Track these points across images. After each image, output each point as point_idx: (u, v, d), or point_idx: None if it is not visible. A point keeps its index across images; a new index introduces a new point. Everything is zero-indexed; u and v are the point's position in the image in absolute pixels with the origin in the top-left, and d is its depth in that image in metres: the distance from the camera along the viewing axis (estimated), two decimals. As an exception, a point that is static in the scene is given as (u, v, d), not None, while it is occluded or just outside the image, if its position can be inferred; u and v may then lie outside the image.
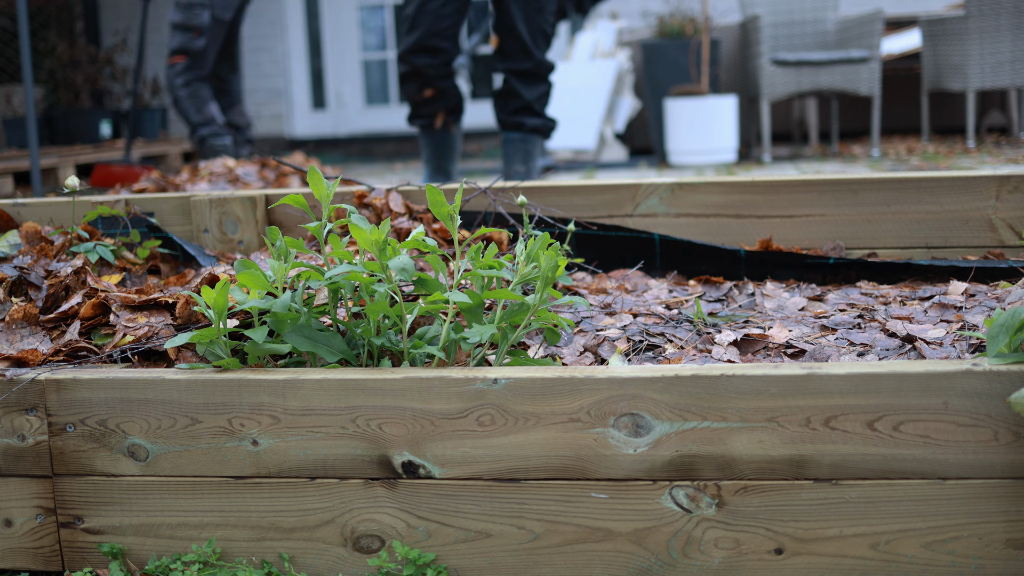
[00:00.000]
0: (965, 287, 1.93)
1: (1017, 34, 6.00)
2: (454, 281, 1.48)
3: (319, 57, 9.21)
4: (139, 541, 1.43)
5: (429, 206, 1.47)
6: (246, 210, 2.31)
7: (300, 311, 1.47)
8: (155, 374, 1.40)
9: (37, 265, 1.89)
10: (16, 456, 1.44)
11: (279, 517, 1.39)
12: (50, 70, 7.93)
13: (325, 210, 1.53)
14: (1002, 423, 1.23)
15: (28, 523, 1.46)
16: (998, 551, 1.25)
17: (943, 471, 1.25)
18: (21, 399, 1.42)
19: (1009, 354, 1.25)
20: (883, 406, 1.24)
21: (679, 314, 1.91)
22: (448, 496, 1.34)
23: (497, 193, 2.31)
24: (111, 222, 2.29)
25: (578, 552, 1.33)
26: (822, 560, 1.28)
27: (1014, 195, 2.13)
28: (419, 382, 1.33)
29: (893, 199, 2.17)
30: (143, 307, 1.69)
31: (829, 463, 1.26)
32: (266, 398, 1.36)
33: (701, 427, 1.27)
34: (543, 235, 1.49)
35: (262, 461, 1.38)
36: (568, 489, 1.32)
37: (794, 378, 1.25)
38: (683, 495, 1.29)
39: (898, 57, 7.03)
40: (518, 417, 1.31)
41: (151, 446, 1.40)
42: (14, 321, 1.65)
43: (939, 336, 1.67)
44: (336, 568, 1.39)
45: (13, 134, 6.97)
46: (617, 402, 1.28)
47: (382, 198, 2.27)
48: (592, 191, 2.31)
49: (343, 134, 9.14)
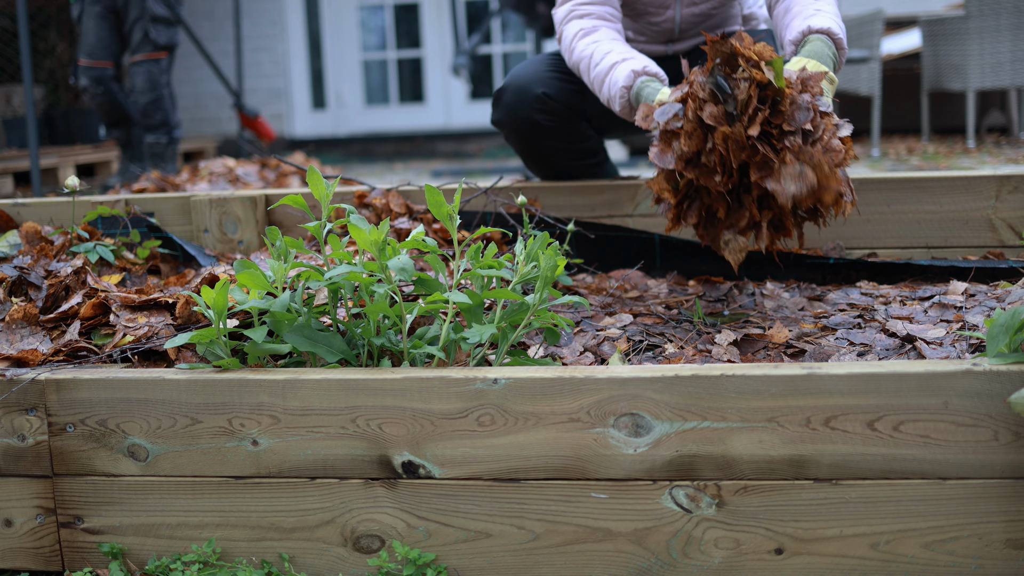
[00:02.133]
0: (965, 287, 1.93)
1: (1017, 34, 5.99)
2: (454, 281, 1.48)
3: (319, 57, 9.21)
4: (139, 541, 1.43)
5: (429, 206, 1.47)
6: (246, 210, 2.31)
7: (300, 311, 1.47)
8: (155, 374, 1.40)
9: (37, 265, 1.89)
10: (16, 456, 1.44)
11: (279, 517, 1.39)
12: (50, 70, 7.93)
13: (325, 210, 1.53)
14: (1002, 423, 1.23)
15: (28, 523, 1.46)
16: (998, 551, 1.25)
17: (943, 471, 1.25)
18: (21, 399, 1.42)
19: (1009, 354, 1.25)
20: (883, 406, 1.24)
21: (679, 314, 1.91)
22: (448, 496, 1.34)
23: (497, 193, 2.31)
24: (111, 222, 2.29)
25: (578, 552, 1.33)
26: (822, 560, 1.28)
27: (1014, 195, 2.13)
28: (419, 382, 1.32)
29: (893, 199, 2.17)
30: (143, 307, 1.69)
31: (829, 463, 1.26)
32: (266, 398, 1.36)
33: (701, 427, 1.27)
34: (543, 235, 1.49)
35: (262, 461, 1.38)
36: (568, 489, 1.32)
37: (794, 378, 1.25)
38: (683, 495, 1.29)
39: (898, 57, 7.02)
40: (518, 417, 1.31)
41: (151, 446, 1.40)
42: (14, 321, 1.65)
43: (939, 336, 1.67)
44: (336, 568, 1.39)
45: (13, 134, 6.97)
46: (617, 402, 1.28)
47: (382, 198, 2.27)
48: (592, 191, 2.31)
49: (343, 134, 9.14)
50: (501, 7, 7.59)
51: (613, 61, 2.06)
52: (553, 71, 2.30)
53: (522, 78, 2.29)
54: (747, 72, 1.66)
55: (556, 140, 2.29)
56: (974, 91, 6.22)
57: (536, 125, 2.27)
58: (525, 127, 2.29)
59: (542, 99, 2.25)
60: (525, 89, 2.27)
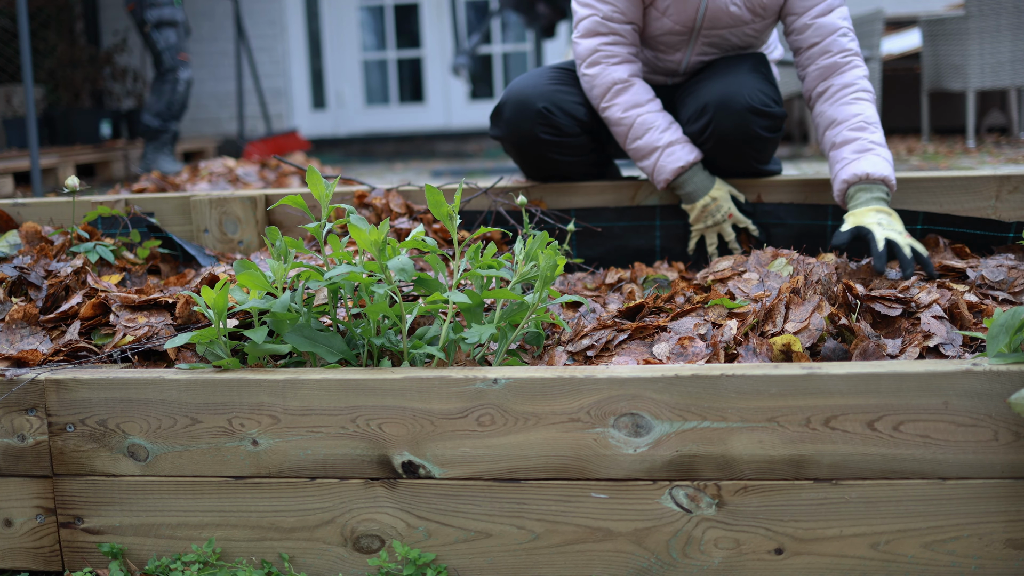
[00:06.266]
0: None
1: (1017, 34, 5.99)
2: (454, 281, 1.48)
3: (319, 57, 9.21)
4: (139, 541, 1.43)
5: (429, 206, 1.47)
6: (246, 210, 2.31)
7: (300, 311, 1.47)
8: (155, 374, 1.40)
9: (37, 265, 1.89)
10: (16, 456, 1.44)
11: (279, 517, 1.39)
12: (50, 70, 7.92)
13: (324, 210, 1.53)
14: (1002, 423, 1.23)
15: (28, 523, 1.46)
16: (998, 551, 1.25)
17: (943, 471, 1.25)
18: (21, 399, 1.42)
19: (1009, 354, 1.25)
20: (883, 406, 1.24)
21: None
22: (448, 496, 1.34)
23: (497, 193, 2.31)
24: (111, 222, 2.29)
25: (578, 552, 1.33)
26: (822, 560, 1.28)
27: (1014, 195, 2.13)
28: (419, 382, 1.32)
29: (893, 199, 2.17)
30: (143, 307, 1.69)
31: (829, 463, 1.26)
32: (266, 398, 1.36)
33: (701, 427, 1.27)
34: (542, 234, 1.49)
35: (262, 461, 1.38)
36: (568, 489, 1.32)
37: (794, 378, 1.25)
38: (683, 495, 1.29)
39: (898, 57, 7.02)
40: (518, 417, 1.31)
41: (151, 446, 1.40)
42: (14, 321, 1.65)
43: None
44: (336, 568, 1.39)
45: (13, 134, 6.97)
46: (617, 402, 1.28)
47: (382, 198, 2.27)
48: (592, 190, 2.31)
49: (343, 134, 9.15)
50: (501, 7, 7.59)
51: (656, 145, 2.16)
52: (554, 84, 2.27)
53: (522, 92, 2.26)
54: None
55: (559, 154, 2.27)
56: (974, 91, 6.22)
57: (538, 140, 2.25)
58: (527, 142, 2.26)
59: (543, 114, 2.23)
60: (526, 104, 2.24)
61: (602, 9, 2.17)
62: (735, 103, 2.11)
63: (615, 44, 2.18)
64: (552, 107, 2.23)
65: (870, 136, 2.04)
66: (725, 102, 2.12)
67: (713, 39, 2.22)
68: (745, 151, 2.16)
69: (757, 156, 2.19)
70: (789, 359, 1.51)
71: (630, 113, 2.17)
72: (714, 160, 2.21)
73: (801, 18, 2.16)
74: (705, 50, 2.25)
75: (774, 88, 2.20)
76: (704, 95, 2.16)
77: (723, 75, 2.17)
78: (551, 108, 2.23)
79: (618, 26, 2.18)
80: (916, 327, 1.58)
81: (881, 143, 2.04)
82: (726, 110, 2.11)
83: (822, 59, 2.14)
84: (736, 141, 2.14)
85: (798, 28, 2.17)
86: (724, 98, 2.12)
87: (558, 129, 2.24)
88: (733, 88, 2.12)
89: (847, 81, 2.11)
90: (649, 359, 1.57)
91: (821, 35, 2.14)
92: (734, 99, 2.11)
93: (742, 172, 2.23)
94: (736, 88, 2.12)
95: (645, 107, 2.17)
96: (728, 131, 2.13)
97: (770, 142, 2.17)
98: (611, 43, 2.18)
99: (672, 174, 2.15)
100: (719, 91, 2.13)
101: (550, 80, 2.28)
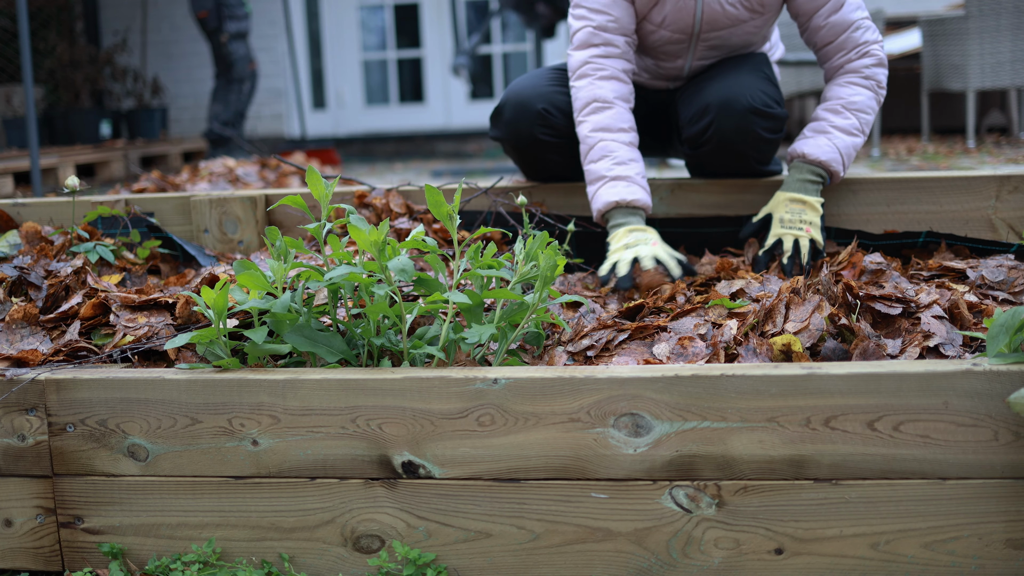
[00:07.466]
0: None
1: (1017, 34, 5.99)
2: (454, 281, 1.48)
3: (319, 57, 9.21)
4: (139, 541, 1.43)
5: (429, 206, 1.47)
6: (246, 210, 2.31)
7: (300, 311, 1.47)
8: (155, 374, 1.40)
9: (37, 265, 1.89)
10: (16, 456, 1.44)
11: (279, 517, 1.39)
12: (50, 70, 7.92)
13: (324, 210, 1.53)
14: (1002, 423, 1.23)
15: (28, 523, 1.46)
16: (998, 551, 1.25)
17: (943, 471, 1.25)
18: (21, 399, 1.42)
19: (1009, 354, 1.25)
20: (883, 406, 1.24)
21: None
22: (448, 496, 1.34)
23: (497, 193, 2.31)
24: (111, 222, 2.29)
25: (578, 552, 1.33)
26: (822, 560, 1.28)
27: (1014, 195, 2.13)
28: (419, 382, 1.32)
29: (893, 199, 2.17)
30: (143, 307, 1.69)
31: (829, 463, 1.26)
32: (266, 398, 1.36)
33: (701, 427, 1.27)
34: (542, 234, 1.49)
35: (262, 461, 1.38)
36: (568, 489, 1.32)
37: (794, 378, 1.25)
38: (683, 495, 1.29)
39: (898, 57, 7.02)
40: (518, 417, 1.31)
41: (151, 446, 1.40)
42: (14, 321, 1.65)
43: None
44: (336, 568, 1.39)
45: (13, 134, 6.98)
46: (617, 402, 1.28)
47: (382, 198, 2.27)
48: (592, 191, 2.31)
49: (343, 134, 9.15)
50: (501, 7, 7.59)
51: (604, 175, 2.09)
52: (554, 85, 2.26)
53: (521, 94, 2.25)
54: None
55: (559, 155, 2.27)
56: (974, 91, 6.22)
57: (538, 142, 2.25)
58: (526, 144, 2.26)
59: (543, 115, 2.22)
60: (525, 105, 2.24)
61: (596, 19, 2.17)
62: (737, 104, 2.11)
63: (606, 57, 2.17)
64: (552, 108, 2.23)
65: (836, 119, 2.09)
66: (726, 103, 2.11)
67: (713, 42, 2.22)
68: (746, 152, 2.16)
69: (758, 157, 2.18)
70: (789, 359, 1.51)
71: (596, 135, 2.12)
72: (715, 161, 2.20)
73: (813, 19, 2.16)
74: (706, 54, 2.25)
75: (776, 89, 2.20)
76: (705, 96, 2.16)
77: (725, 76, 2.17)
78: (551, 109, 2.22)
79: (612, 36, 2.16)
80: (916, 327, 1.58)
81: (845, 128, 2.08)
82: (727, 111, 2.11)
83: (837, 57, 2.16)
84: (737, 142, 2.14)
85: (812, 28, 2.17)
86: (726, 99, 2.12)
87: (557, 130, 2.23)
88: (735, 89, 2.12)
89: (852, 68, 2.14)
90: (649, 359, 1.57)
91: (835, 34, 2.15)
92: (736, 100, 2.11)
93: (743, 173, 2.23)
94: (738, 89, 2.12)
95: (614, 134, 2.12)
96: (729, 132, 2.13)
97: (771, 143, 2.17)
98: (602, 55, 2.17)
99: (605, 206, 2.06)
100: (720, 92, 2.13)
101: (550, 82, 2.27)
